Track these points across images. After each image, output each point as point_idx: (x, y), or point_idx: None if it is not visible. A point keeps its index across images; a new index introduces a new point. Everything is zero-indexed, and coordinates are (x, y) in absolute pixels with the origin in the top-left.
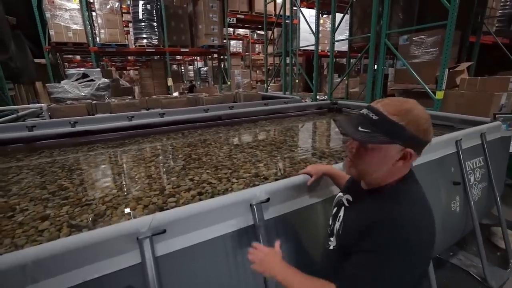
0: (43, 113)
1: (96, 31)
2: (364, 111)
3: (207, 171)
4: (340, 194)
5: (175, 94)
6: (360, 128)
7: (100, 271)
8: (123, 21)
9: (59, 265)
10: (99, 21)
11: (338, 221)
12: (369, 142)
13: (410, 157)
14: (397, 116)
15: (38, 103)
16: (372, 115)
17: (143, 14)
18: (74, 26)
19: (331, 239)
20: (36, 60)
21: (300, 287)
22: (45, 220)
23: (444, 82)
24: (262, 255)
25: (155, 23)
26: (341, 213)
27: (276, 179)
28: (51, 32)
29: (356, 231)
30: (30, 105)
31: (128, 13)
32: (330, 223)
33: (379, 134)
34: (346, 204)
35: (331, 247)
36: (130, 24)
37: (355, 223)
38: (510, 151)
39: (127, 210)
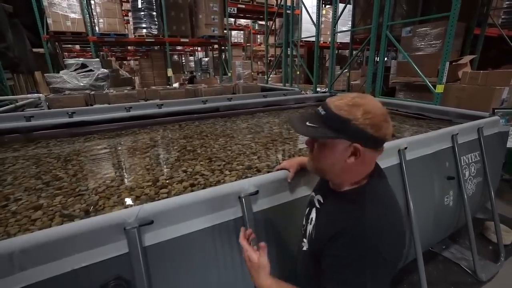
0: (41, 103)
1: (95, 20)
2: (319, 107)
3: (201, 162)
4: (313, 193)
5: (175, 85)
6: (308, 123)
7: (89, 260)
8: (122, 10)
9: (47, 254)
10: (98, 10)
11: (310, 223)
12: (314, 136)
13: (359, 153)
14: (343, 110)
15: (38, 93)
16: (321, 111)
17: (142, 3)
18: (73, 15)
19: (304, 240)
20: (35, 50)
21: None
22: (38, 209)
23: (444, 76)
24: (253, 269)
25: (154, 13)
26: (313, 215)
27: (269, 172)
28: (49, 21)
29: (326, 238)
30: (29, 95)
31: (128, 1)
32: (304, 223)
33: (325, 128)
34: (318, 206)
35: (304, 248)
36: (130, 14)
37: (326, 229)
38: (508, 146)
39: (119, 201)
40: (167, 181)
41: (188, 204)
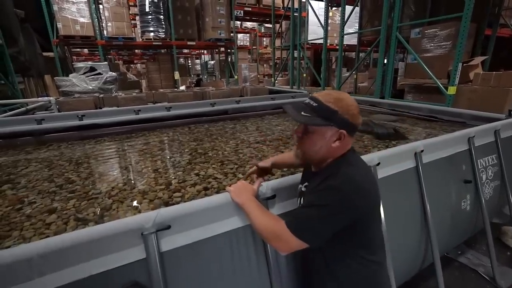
0: (51, 106)
1: (103, 24)
2: (307, 100)
3: (213, 166)
4: (300, 185)
5: (182, 87)
6: (303, 113)
7: (106, 265)
8: (130, 14)
9: (65, 259)
10: (106, 14)
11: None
12: (310, 124)
13: (344, 137)
14: (331, 103)
15: (47, 96)
16: (313, 103)
17: (150, 7)
18: (82, 19)
19: None
20: (45, 53)
21: (255, 215)
22: (52, 213)
23: (457, 77)
24: (239, 186)
25: (162, 16)
26: (301, 199)
27: (283, 175)
28: (59, 25)
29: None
30: (39, 98)
31: (135, 6)
32: None
33: (317, 117)
34: (303, 190)
35: None
36: (137, 17)
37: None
38: None
39: (132, 205)
40: (180, 185)
41: (205, 209)
